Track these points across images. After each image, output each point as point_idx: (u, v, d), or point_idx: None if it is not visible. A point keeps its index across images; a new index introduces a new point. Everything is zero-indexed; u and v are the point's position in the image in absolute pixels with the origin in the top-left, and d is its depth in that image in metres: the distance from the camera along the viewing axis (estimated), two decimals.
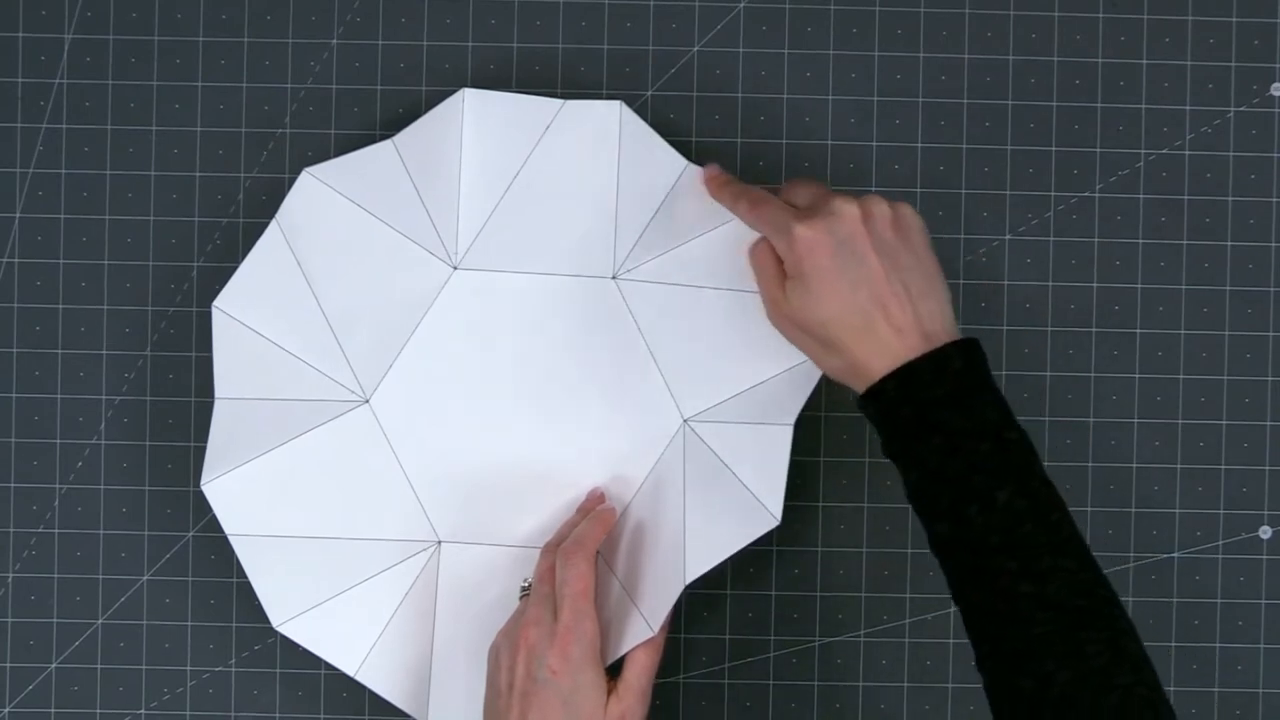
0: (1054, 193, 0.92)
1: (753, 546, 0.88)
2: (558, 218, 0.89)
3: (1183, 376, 0.93)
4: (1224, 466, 0.93)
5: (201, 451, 0.92)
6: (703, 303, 0.88)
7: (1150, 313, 0.93)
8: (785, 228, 0.80)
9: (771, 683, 0.93)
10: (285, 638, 0.91)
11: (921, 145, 0.92)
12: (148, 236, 0.92)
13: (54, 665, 0.93)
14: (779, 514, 0.86)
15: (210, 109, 0.92)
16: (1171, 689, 0.92)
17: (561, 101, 0.89)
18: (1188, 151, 0.92)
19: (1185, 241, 0.93)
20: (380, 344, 0.90)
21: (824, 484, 0.92)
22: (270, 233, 0.90)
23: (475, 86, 0.91)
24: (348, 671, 0.89)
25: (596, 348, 0.90)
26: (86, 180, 0.92)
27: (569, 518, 0.89)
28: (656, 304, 0.89)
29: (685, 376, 0.89)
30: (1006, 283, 0.93)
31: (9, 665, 0.92)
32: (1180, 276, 0.93)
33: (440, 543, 0.90)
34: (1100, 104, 0.92)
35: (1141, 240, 0.93)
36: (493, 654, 0.85)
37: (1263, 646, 0.93)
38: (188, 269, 0.93)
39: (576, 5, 0.92)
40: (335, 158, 0.90)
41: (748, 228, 0.87)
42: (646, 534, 0.88)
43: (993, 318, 0.92)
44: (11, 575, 0.92)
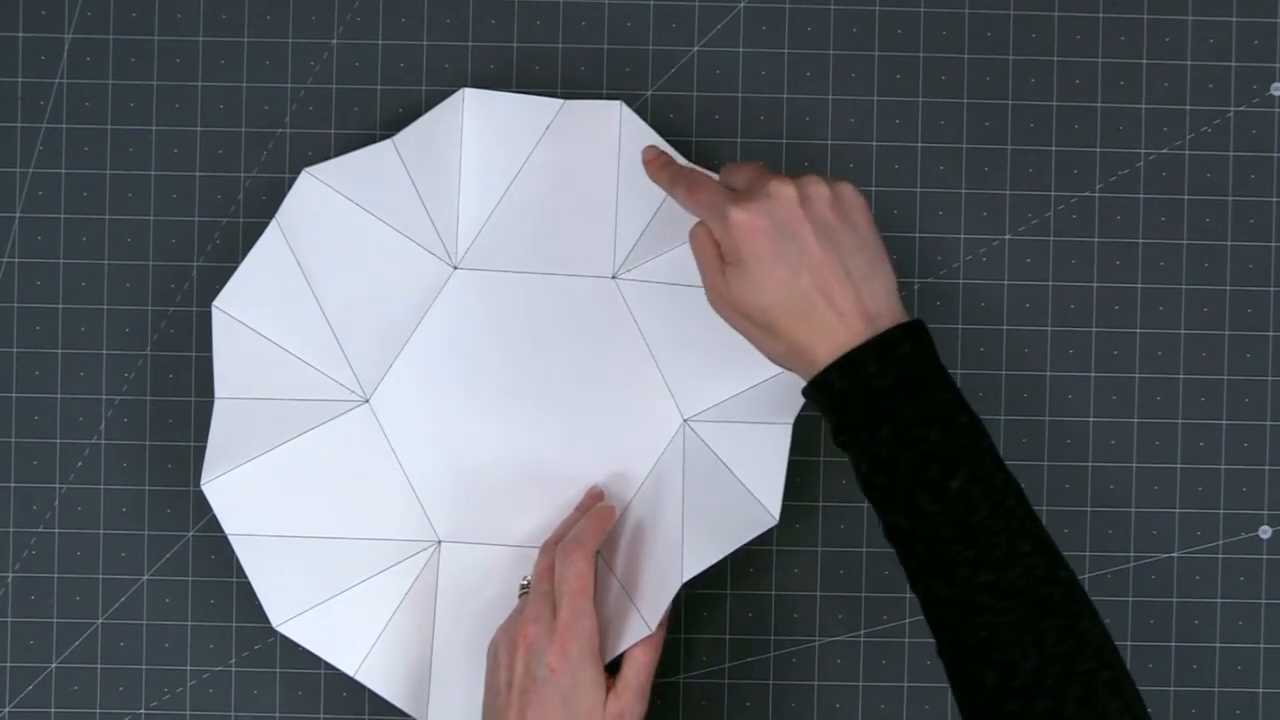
0: (1054, 193, 0.92)
1: (752, 546, 0.88)
2: (558, 218, 0.89)
3: (1183, 376, 0.93)
4: (1224, 466, 0.93)
5: (201, 451, 0.92)
6: (703, 303, 0.88)
7: (1150, 313, 0.93)
8: (721, 211, 0.78)
9: (771, 683, 0.93)
10: (285, 638, 0.92)
11: (921, 145, 0.92)
12: (148, 236, 0.92)
13: (54, 665, 0.93)
14: (778, 514, 0.86)
15: (210, 109, 0.92)
16: (1171, 689, 0.93)
17: (561, 101, 0.89)
18: (1188, 151, 0.92)
19: (1185, 241, 0.93)
20: (380, 344, 0.90)
21: (824, 484, 0.92)
22: (270, 232, 0.90)
23: (475, 86, 0.91)
24: (348, 671, 0.89)
25: (596, 348, 0.90)
26: (86, 180, 0.92)
27: (568, 516, 0.89)
28: (656, 304, 0.89)
29: (685, 376, 0.89)
30: (1006, 283, 0.93)
31: (9, 665, 0.92)
32: (1180, 276, 0.93)
33: (440, 542, 0.90)
34: (1100, 104, 0.92)
35: (1141, 240, 0.93)
36: (491, 651, 0.85)
37: (1263, 646, 0.93)
38: (188, 269, 0.93)
39: (576, 5, 0.92)
40: (335, 158, 0.90)
41: None
42: (645, 533, 0.88)
43: (993, 318, 0.92)
44: (11, 575, 0.92)
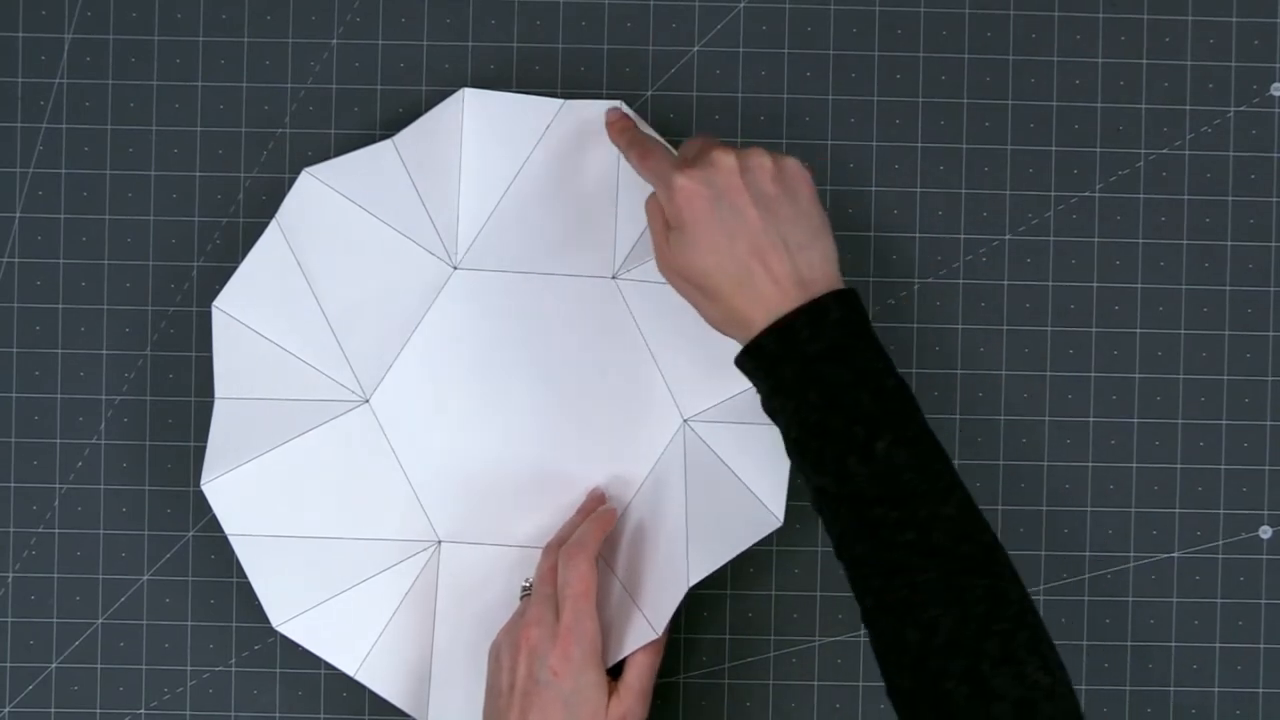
0: (1054, 193, 0.92)
1: (753, 546, 0.88)
2: (558, 218, 0.89)
3: (1183, 376, 0.93)
4: (1224, 466, 0.93)
5: (201, 451, 0.92)
6: None
7: (1150, 313, 0.93)
8: (666, 178, 0.80)
9: (771, 683, 0.93)
10: (285, 638, 0.92)
11: (921, 145, 0.92)
12: (148, 236, 0.92)
13: (54, 665, 0.93)
14: (781, 515, 0.86)
15: (210, 109, 0.92)
16: (1171, 689, 0.93)
17: (561, 101, 0.89)
18: (1188, 151, 0.92)
19: (1185, 241, 0.93)
20: (380, 344, 0.90)
21: None
22: (270, 233, 0.90)
23: (475, 86, 0.91)
24: (348, 671, 0.89)
25: (596, 348, 0.90)
26: (86, 180, 0.92)
27: (570, 518, 0.89)
28: (656, 304, 0.89)
29: (685, 376, 0.89)
30: (1006, 283, 0.93)
31: (9, 665, 0.92)
32: (1180, 276, 0.93)
33: (440, 543, 0.90)
34: (1100, 104, 0.92)
35: (1141, 240, 0.93)
36: (493, 654, 0.85)
37: (1263, 646, 0.93)
38: (188, 269, 0.93)
39: (576, 5, 0.92)
40: (335, 158, 0.90)
41: None
42: (647, 535, 0.88)
43: (993, 318, 0.92)
44: (11, 575, 0.92)
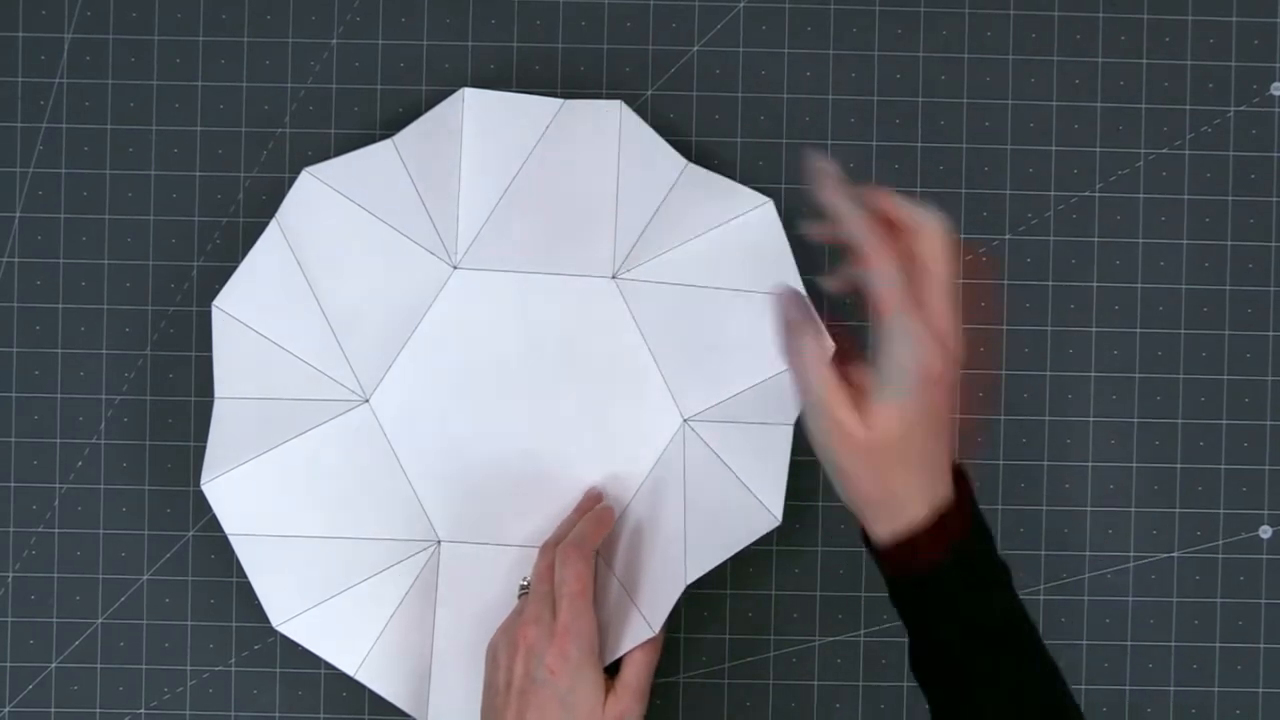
0: (1054, 193, 0.92)
1: (753, 546, 0.88)
2: (558, 218, 0.89)
3: (1183, 376, 0.93)
4: (1224, 466, 0.93)
5: (201, 451, 0.92)
6: (702, 303, 0.88)
7: (1150, 313, 0.93)
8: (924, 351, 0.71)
9: (771, 683, 0.93)
10: (285, 638, 0.92)
11: (921, 145, 0.92)
12: (148, 236, 0.92)
13: (54, 665, 0.93)
14: (780, 514, 0.86)
15: (210, 109, 0.92)
16: (1171, 689, 0.93)
17: (561, 101, 0.89)
18: (1188, 151, 0.92)
19: (1185, 241, 0.93)
20: (380, 344, 0.90)
21: (824, 484, 0.92)
22: (270, 232, 0.90)
23: (475, 86, 0.91)
24: (348, 671, 0.89)
25: (596, 348, 0.90)
26: (86, 180, 0.92)
27: (567, 517, 0.89)
28: (656, 304, 0.89)
29: (685, 376, 0.89)
30: (1006, 283, 0.93)
31: (9, 665, 0.92)
32: (1180, 276, 0.93)
33: (440, 542, 0.90)
34: (1100, 104, 0.92)
35: (1141, 240, 0.93)
36: (490, 652, 0.85)
37: (1263, 646, 0.93)
38: (188, 269, 0.93)
39: (576, 5, 0.92)
40: (335, 157, 0.90)
41: (748, 228, 0.88)
42: (646, 534, 0.88)
43: (993, 318, 0.92)
44: (11, 575, 0.92)
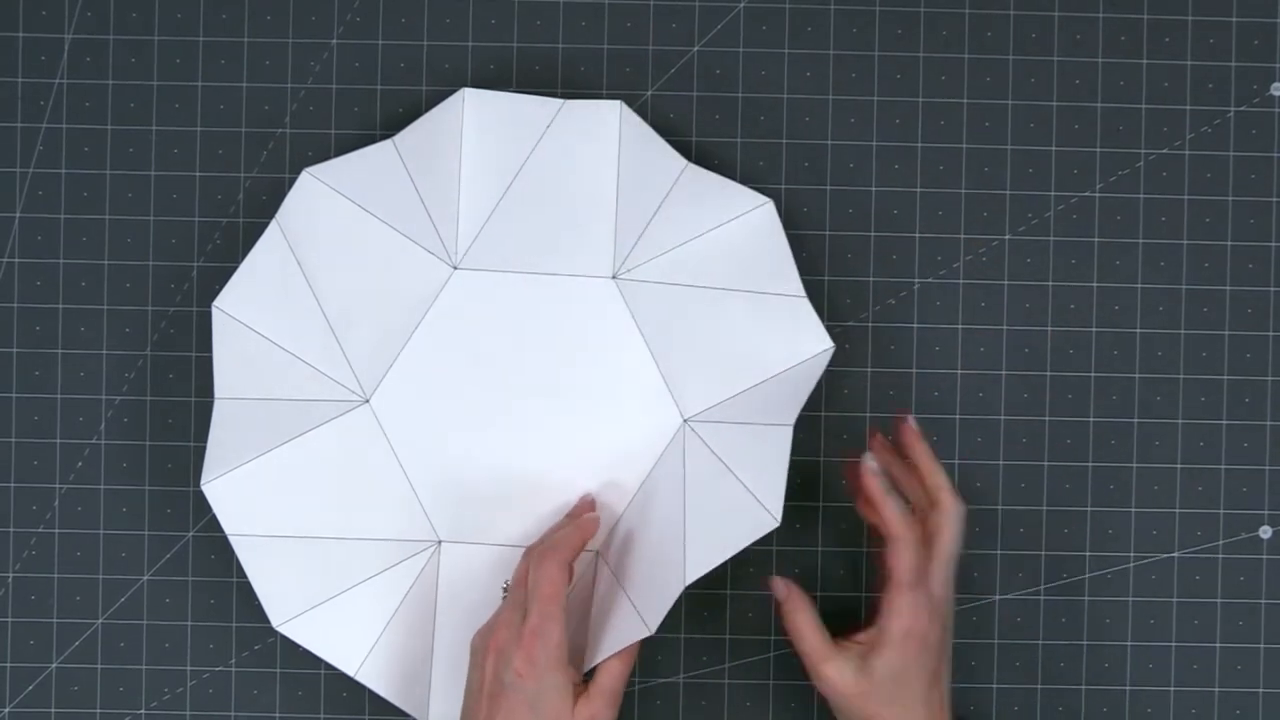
0: (1054, 193, 0.92)
1: (753, 546, 0.88)
2: (558, 218, 0.89)
3: (1183, 376, 0.93)
4: (1224, 466, 0.93)
5: (201, 451, 0.92)
6: (703, 303, 0.88)
7: (1150, 313, 0.93)
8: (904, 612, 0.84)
9: (771, 683, 0.93)
10: (285, 638, 0.92)
11: (921, 145, 0.92)
12: (148, 236, 0.92)
13: (54, 665, 0.93)
14: (779, 515, 0.86)
15: (210, 109, 0.92)
16: (1171, 689, 0.93)
17: (561, 101, 0.89)
18: (1188, 151, 0.92)
19: (1185, 241, 0.93)
20: (380, 344, 0.90)
21: (824, 484, 0.92)
22: (270, 233, 0.90)
23: (475, 86, 0.91)
24: (348, 671, 0.89)
25: (596, 348, 0.90)
26: (86, 180, 0.92)
27: (556, 522, 0.89)
28: (656, 304, 0.89)
29: (685, 376, 0.89)
30: (1006, 283, 0.93)
31: (9, 665, 0.92)
32: (1180, 276, 0.93)
33: (440, 543, 0.90)
34: (1100, 104, 0.92)
35: (1141, 240, 0.93)
36: (471, 653, 0.85)
37: (1263, 646, 0.93)
38: (188, 269, 0.93)
39: (576, 5, 0.92)
40: (335, 158, 0.90)
41: (748, 228, 0.88)
42: (645, 533, 0.88)
43: (992, 318, 0.92)
44: (11, 575, 0.92)
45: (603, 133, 0.89)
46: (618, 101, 0.89)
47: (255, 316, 0.89)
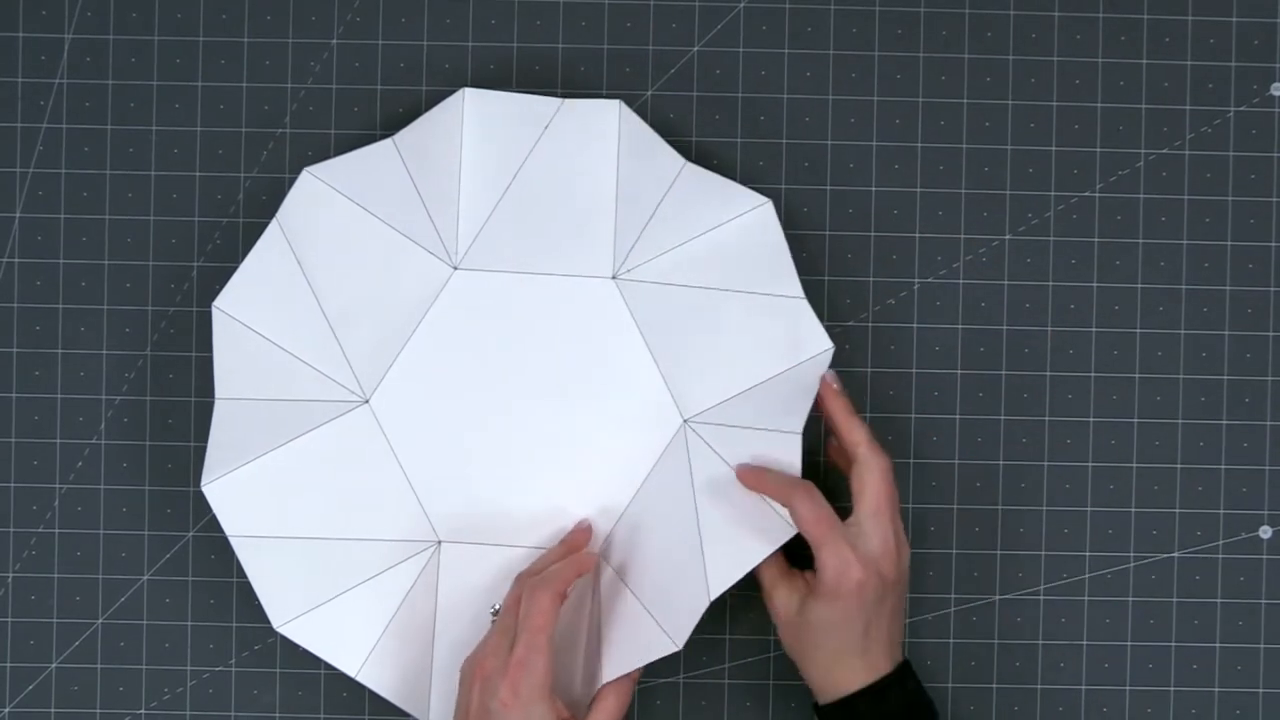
0: (1054, 193, 0.92)
1: None
2: (558, 218, 0.89)
3: (1183, 376, 0.93)
4: (1224, 466, 0.93)
5: (201, 451, 0.92)
6: (702, 303, 0.88)
7: (1150, 313, 0.93)
8: (840, 551, 0.83)
9: (771, 683, 0.93)
10: (285, 638, 0.92)
11: (921, 145, 0.92)
12: (148, 236, 0.92)
13: (54, 665, 0.93)
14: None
15: (210, 109, 0.92)
16: (1171, 689, 0.93)
17: (561, 100, 0.89)
18: (1188, 151, 0.92)
19: (1185, 241, 0.93)
20: (380, 344, 0.90)
21: (824, 484, 0.92)
22: (270, 232, 0.90)
23: (475, 86, 0.91)
24: (348, 671, 0.89)
25: (596, 348, 0.90)
26: (86, 180, 0.92)
27: (550, 550, 0.88)
28: (656, 304, 0.89)
29: (685, 377, 0.89)
30: (1006, 283, 0.93)
31: (9, 665, 0.92)
32: (1180, 276, 0.93)
33: (440, 543, 0.90)
34: (1100, 104, 0.92)
35: (1141, 240, 0.93)
36: (460, 678, 0.85)
37: (1263, 646, 0.93)
38: (188, 269, 0.93)
39: (576, 5, 0.92)
40: (335, 157, 0.90)
41: (748, 228, 0.88)
42: (652, 539, 0.88)
43: (993, 318, 0.92)
44: (11, 575, 0.92)
45: (602, 132, 0.89)
46: (617, 101, 0.89)
47: (255, 316, 0.89)
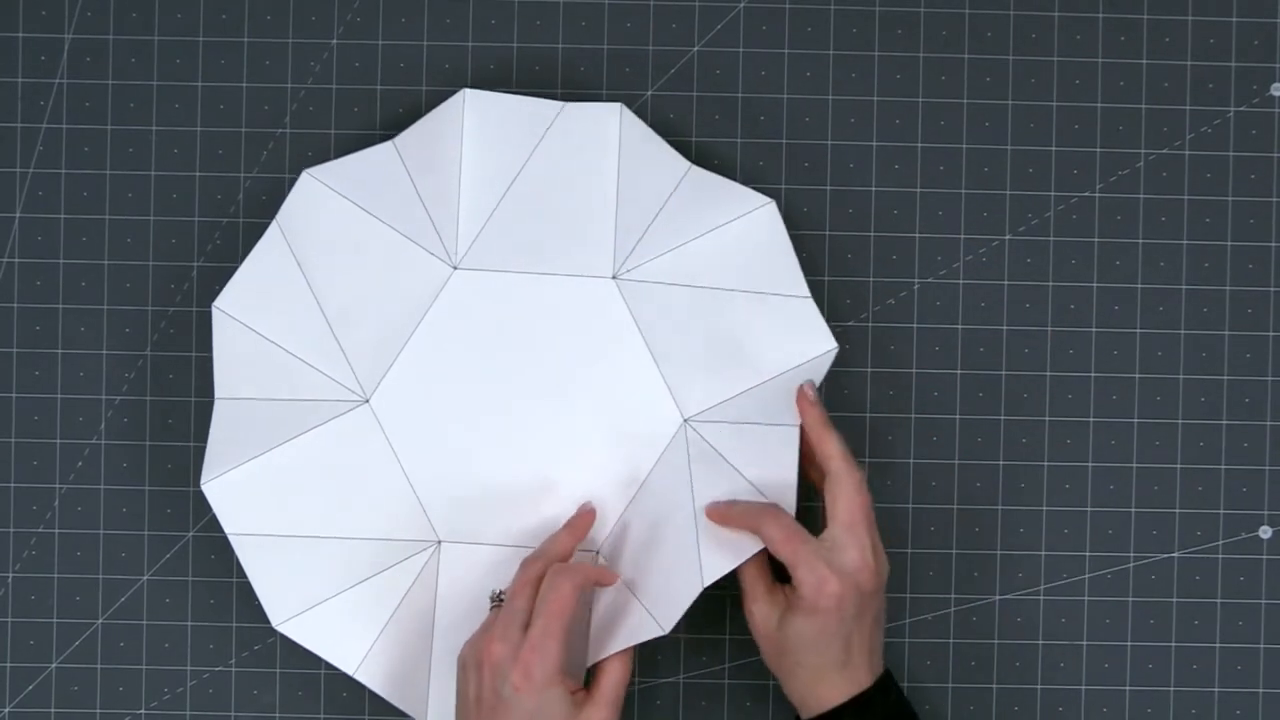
0: (1054, 193, 0.92)
1: None
2: (558, 218, 0.89)
3: (1183, 376, 0.93)
4: (1224, 466, 0.93)
5: (201, 451, 0.92)
6: (703, 303, 0.88)
7: (1150, 313, 0.93)
8: (815, 567, 0.83)
9: (772, 683, 0.93)
10: (285, 638, 0.91)
11: (921, 145, 0.92)
12: (148, 236, 0.92)
13: (54, 665, 0.93)
14: (793, 508, 0.85)
15: (210, 109, 0.92)
16: (1171, 689, 0.93)
17: (561, 104, 0.89)
18: (1188, 151, 0.92)
19: (1185, 241, 0.93)
20: (380, 344, 0.90)
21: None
22: (270, 233, 0.90)
23: (475, 86, 0.91)
24: (347, 671, 0.89)
25: (596, 348, 0.90)
26: (86, 180, 0.92)
27: (555, 533, 0.88)
28: (656, 304, 0.89)
29: (685, 376, 0.89)
30: (1006, 283, 0.93)
31: (9, 665, 0.92)
32: (1180, 276, 0.93)
33: (440, 543, 0.90)
34: (1100, 104, 0.92)
35: (1141, 240, 0.93)
36: (460, 664, 0.85)
37: (1263, 646, 0.93)
38: (188, 269, 0.93)
39: (576, 5, 0.92)
40: (335, 158, 0.90)
41: (750, 228, 0.88)
42: (653, 533, 0.88)
43: (993, 318, 0.92)
44: (11, 575, 0.92)
45: (603, 135, 0.89)
46: (617, 104, 0.89)
47: (255, 316, 0.89)
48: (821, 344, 0.88)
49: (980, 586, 0.93)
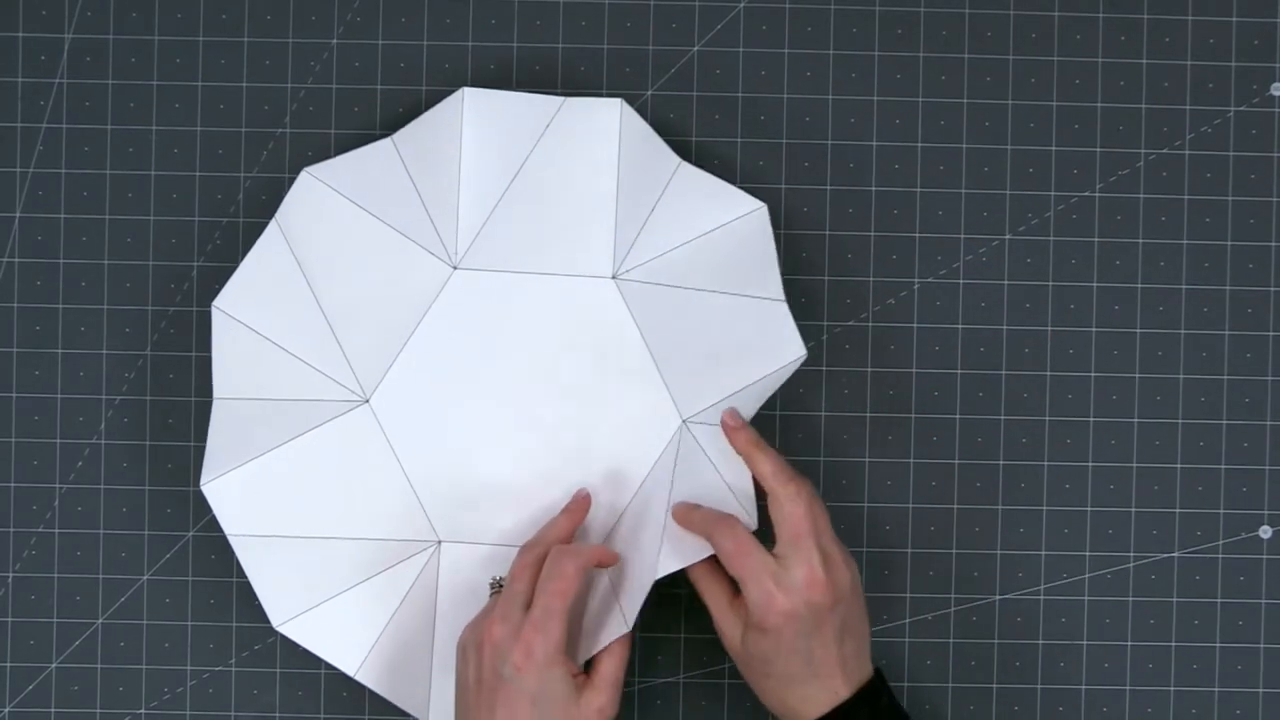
0: (1054, 193, 0.92)
1: None
2: (558, 217, 0.89)
3: (1183, 376, 0.93)
4: (1224, 466, 0.93)
5: (201, 451, 0.92)
6: (699, 304, 0.88)
7: (1150, 313, 0.93)
8: (762, 584, 0.81)
9: None
10: (285, 638, 0.91)
11: (921, 145, 0.92)
12: (148, 236, 0.92)
13: (54, 665, 0.93)
14: (755, 519, 0.85)
15: (210, 109, 0.92)
16: (1171, 689, 0.93)
17: (561, 100, 0.89)
18: (1188, 151, 0.92)
19: (1185, 241, 0.93)
20: (380, 344, 0.90)
21: (824, 483, 0.92)
22: (270, 232, 0.90)
23: (475, 86, 0.91)
24: (348, 671, 0.89)
25: (596, 348, 0.90)
26: (86, 180, 0.92)
27: (554, 519, 0.88)
28: (656, 304, 0.89)
29: (685, 377, 0.89)
30: (1006, 283, 0.93)
31: (9, 665, 0.92)
32: (1180, 276, 0.93)
33: (440, 543, 0.90)
34: (1100, 104, 0.92)
35: (1141, 240, 0.93)
36: (460, 648, 0.85)
37: (1263, 646, 0.93)
38: (188, 269, 0.93)
39: (576, 5, 0.92)
40: (335, 157, 0.90)
41: (742, 231, 0.88)
42: (635, 532, 0.88)
43: (993, 318, 0.92)
44: (11, 575, 0.92)
45: (604, 132, 0.89)
46: (618, 100, 0.89)
47: (255, 316, 0.89)
48: (793, 350, 0.86)
49: (980, 586, 0.93)
